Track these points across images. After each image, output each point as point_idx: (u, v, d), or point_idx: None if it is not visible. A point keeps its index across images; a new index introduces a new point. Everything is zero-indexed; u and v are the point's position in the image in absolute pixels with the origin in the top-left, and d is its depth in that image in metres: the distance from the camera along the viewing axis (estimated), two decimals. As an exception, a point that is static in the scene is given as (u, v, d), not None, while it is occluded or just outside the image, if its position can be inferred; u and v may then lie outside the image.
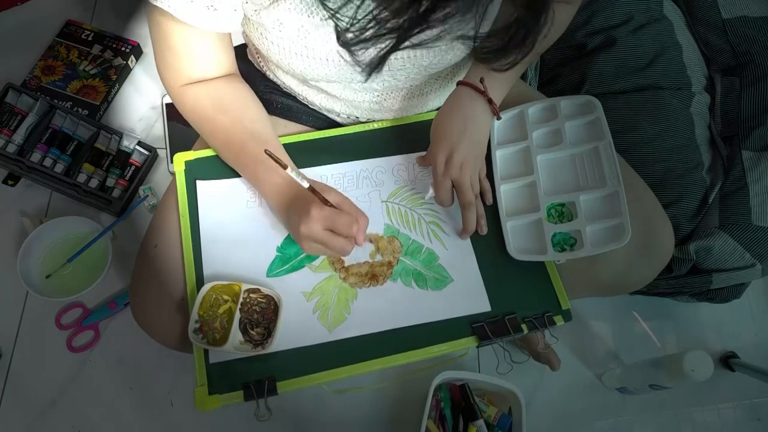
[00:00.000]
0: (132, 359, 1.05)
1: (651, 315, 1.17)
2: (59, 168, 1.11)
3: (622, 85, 1.05)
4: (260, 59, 0.78)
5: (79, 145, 1.14)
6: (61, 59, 1.26)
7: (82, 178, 1.11)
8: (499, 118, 0.74)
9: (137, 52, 1.30)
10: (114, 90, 1.26)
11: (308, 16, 0.57)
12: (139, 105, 1.27)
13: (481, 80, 0.68)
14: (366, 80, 0.59)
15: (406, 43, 0.45)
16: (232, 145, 0.67)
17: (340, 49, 0.57)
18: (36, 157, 1.10)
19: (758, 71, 1.03)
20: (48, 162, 1.10)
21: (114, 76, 1.25)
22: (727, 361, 1.12)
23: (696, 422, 1.10)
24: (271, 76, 0.78)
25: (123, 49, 1.28)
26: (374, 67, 0.48)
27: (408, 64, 0.63)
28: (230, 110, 0.67)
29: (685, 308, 1.16)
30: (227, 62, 0.67)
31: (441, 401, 0.96)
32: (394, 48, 0.45)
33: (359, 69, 0.48)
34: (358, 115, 0.77)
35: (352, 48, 0.46)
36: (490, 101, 0.69)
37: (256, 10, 0.58)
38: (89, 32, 1.29)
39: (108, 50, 1.27)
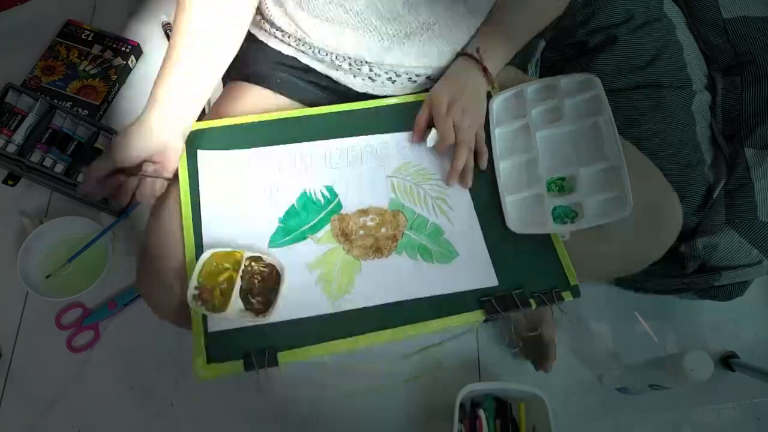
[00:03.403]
0: (132, 359, 1.05)
1: (651, 315, 1.16)
2: (59, 168, 1.11)
3: (622, 83, 1.05)
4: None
5: (79, 145, 1.14)
6: (61, 59, 1.26)
7: (82, 178, 1.11)
8: (493, 87, 0.75)
9: (137, 52, 1.30)
10: (114, 90, 1.25)
11: None
12: (140, 105, 1.26)
13: (477, 50, 0.70)
14: None
15: None
16: (175, 52, 0.68)
17: None
18: (36, 157, 1.10)
19: (759, 71, 1.02)
20: (48, 162, 1.10)
21: (114, 76, 1.25)
22: (727, 361, 1.12)
23: (696, 422, 1.09)
24: (274, 18, 0.74)
25: (123, 49, 1.28)
26: None
27: None
28: (198, 40, 0.67)
29: (685, 308, 1.16)
30: None
31: (485, 411, 0.97)
32: None
33: None
34: (366, 58, 0.74)
35: None
36: (485, 69, 0.70)
37: None
38: (89, 32, 1.29)
39: (108, 50, 1.27)
